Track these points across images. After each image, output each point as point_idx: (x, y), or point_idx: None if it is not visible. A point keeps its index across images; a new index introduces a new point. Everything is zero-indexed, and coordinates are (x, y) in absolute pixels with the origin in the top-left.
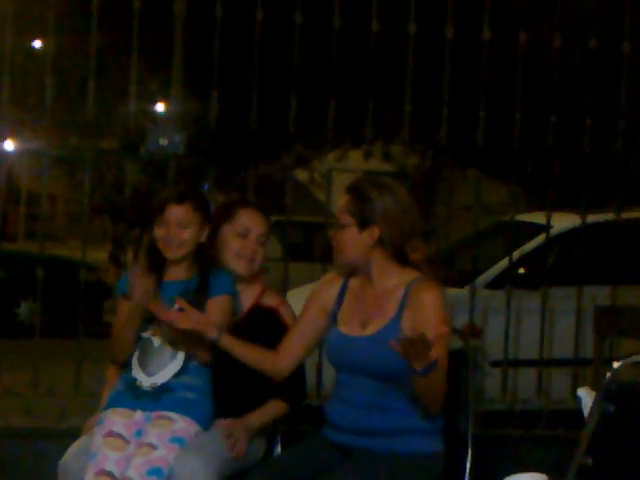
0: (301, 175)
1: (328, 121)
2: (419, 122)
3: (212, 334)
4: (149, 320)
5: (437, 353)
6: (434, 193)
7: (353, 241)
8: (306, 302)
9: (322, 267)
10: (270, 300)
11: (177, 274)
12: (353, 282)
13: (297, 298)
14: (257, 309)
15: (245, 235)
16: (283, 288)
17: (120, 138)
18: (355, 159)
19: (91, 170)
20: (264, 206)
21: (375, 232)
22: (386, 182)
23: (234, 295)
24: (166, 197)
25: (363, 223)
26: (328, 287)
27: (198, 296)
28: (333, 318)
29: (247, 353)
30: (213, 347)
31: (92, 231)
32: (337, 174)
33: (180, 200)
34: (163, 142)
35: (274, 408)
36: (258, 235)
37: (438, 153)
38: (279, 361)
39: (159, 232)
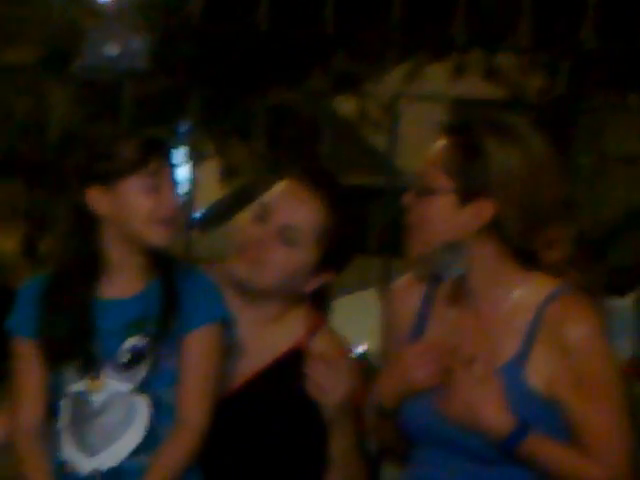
0: (346, 106)
1: (392, 15)
2: (547, 17)
3: None
4: (83, 365)
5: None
6: (572, 134)
7: (446, 218)
8: (383, 347)
9: (382, 262)
10: (324, 346)
11: (121, 286)
12: (443, 293)
13: (339, 313)
14: (295, 357)
15: (262, 218)
16: None
17: (39, 46)
18: (437, 78)
19: None
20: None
21: (486, 209)
22: (515, 127)
23: (228, 322)
24: (151, 140)
25: (468, 191)
26: (403, 303)
27: (164, 328)
28: None
29: None
30: None
31: None
32: (407, 104)
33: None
34: (111, 51)
35: None
36: (284, 225)
37: (579, 67)
38: None
39: (138, 200)
